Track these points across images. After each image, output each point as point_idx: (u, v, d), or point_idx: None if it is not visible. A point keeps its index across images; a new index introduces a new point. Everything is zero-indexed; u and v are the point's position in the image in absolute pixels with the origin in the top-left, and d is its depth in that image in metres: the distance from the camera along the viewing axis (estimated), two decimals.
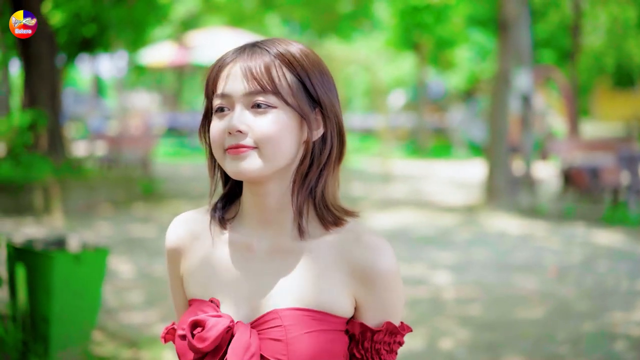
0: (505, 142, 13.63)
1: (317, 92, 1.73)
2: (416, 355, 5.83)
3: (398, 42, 25.06)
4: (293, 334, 1.68)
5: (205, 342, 1.69)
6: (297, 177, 1.75)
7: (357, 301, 1.73)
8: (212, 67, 1.77)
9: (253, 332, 1.70)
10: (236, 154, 1.68)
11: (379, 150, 21.75)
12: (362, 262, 1.72)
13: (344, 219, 1.77)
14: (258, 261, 1.77)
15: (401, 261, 9.06)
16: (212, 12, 25.18)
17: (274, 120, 1.68)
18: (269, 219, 1.77)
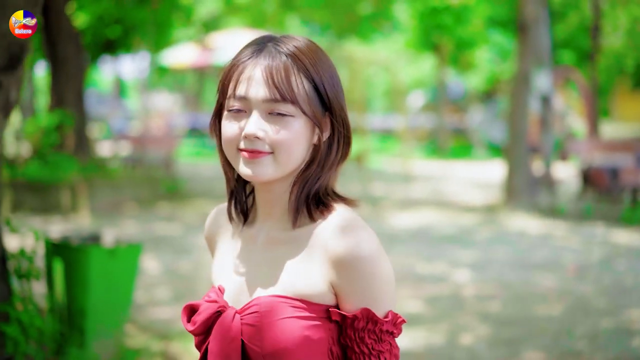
0: (525, 142, 13.73)
1: (329, 98, 1.77)
2: (437, 349, 5.97)
3: (418, 43, 25.16)
4: (267, 320, 1.71)
5: (194, 325, 1.78)
6: (299, 176, 1.80)
7: (335, 288, 1.73)
8: (228, 65, 1.80)
9: (236, 317, 1.75)
10: (252, 159, 1.73)
11: (399, 151, 21.87)
12: (337, 248, 1.72)
13: (330, 207, 1.80)
14: (257, 252, 1.84)
15: (422, 259, 9.23)
16: (234, 14, 25.35)
17: (291, 129, 1.72)
18: (270, 212, 1.84)
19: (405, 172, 18.66)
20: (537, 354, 5.89)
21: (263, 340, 1.71)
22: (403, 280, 8.17)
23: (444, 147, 26.25)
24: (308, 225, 1.79)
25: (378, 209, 13.50)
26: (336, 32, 24.18)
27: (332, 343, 1.76)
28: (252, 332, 1.73)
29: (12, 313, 4.55)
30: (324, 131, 1.79)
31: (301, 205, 1.79)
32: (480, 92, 30.74)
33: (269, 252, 1.81)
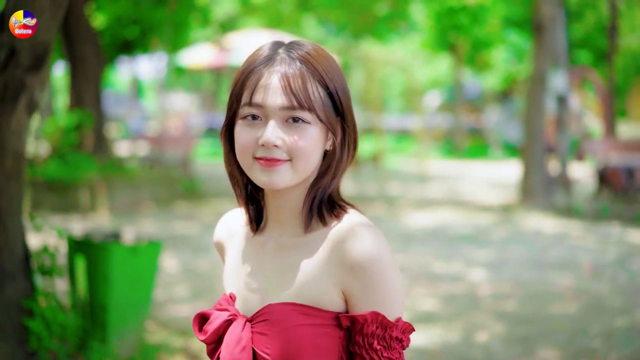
0: (541, 142, 13.75)
1: (342, 105, 1.78)
2: (452, 347, 6.03)
3: (434, 44, 25.20)
4: (277, 328, 1.71)
5: (205, 334, 1.79)
6: (315, 182, 1.80)
7: (345, 293, 1.72)
8: (240, 71, 1.78)
9: (247, 326, 1.75)
10: (269, 167, 1.72)
11: (415, 151, 21.91)
12: (349, 252, 1.71)
13: (341, 212, 1.80)
14: (267, 258, 1.83)
15: (438, 259, 9.29)
16: (250, 14, 25.45)
17: (308, 136, 1.73)
18: (280, 218, 1.83)
19: (422, 172, 18.70)
20: (552, 351, 5.94)
21: (274, 348, 1.71)
22: (419, 279, 8.23)
23: (460, 147, 26.26)
24: (320, 229, 1.79)
25: (394, 209, 13.56)
26: (352, 33, 24.24)
27: (342, 351, 1.74)
28: (263, 341, 1.72)
29: (35, 309, 4.65)
30: (337, 136, 1.79)
31: (315, 210, 1.79)
32: (497, 92, 30.72)
33: (279, 259, 1.80)
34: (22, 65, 4.28)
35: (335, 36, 28.56)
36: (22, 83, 4.33)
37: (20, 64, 4.28)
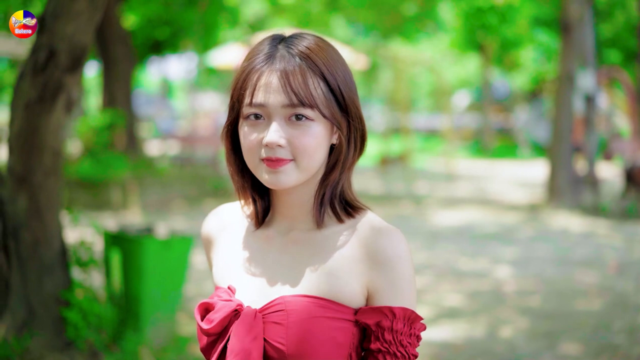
0: (569, 141, 13.79)
1: (345, 99, 1.76)
2: (477, 341, 6.14)
3: (462, 43, 25.23)
4: (294, 319, 1.69)
5: (211, 324, 1.74)
6: (324, 177, 1.81)
7: (370, 289, 1.73)
8: (241, 70, 1.77)
9: (258, 316, 1.72)
10: (275, 167, 1.72)
11: (443, 150, 21.97)
12: (376, 247, 1.73)
13: (357, 210, 1.82)
14: (275, 252, 1.82)
15: (464, 256, 9.39)
16: (279, 15, 25.62)
17: (312, 134, 1.72)
18: (289, 213, 1.83)
19: (449, 171, 18.77)
20: (575, 346, 6.03)
21: (289, 338, 1.69)
22: (445, 276, 8.35)
23: (489, 146, 26.26)
24: (335, 225, 1.79)
25: (421, 207, 13.66)
26: (381, 33, 24.34)
27: (352, 348, 1.74)
28: (277, 331, 1.70)
29: (72, 300, 4.84)
30: (343, 131, 1.78)
31: (326, 206, 1.79)
32: (526, 91, 30.67)
33: (292, 253, 1.80)
34: (61, 66, 4.47)
35: (364, 36, 28.67)
36: (60, 83, 4.52)
37: (59, 65, 4.46)
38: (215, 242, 1.94)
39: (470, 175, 19.41)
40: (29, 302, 4.80)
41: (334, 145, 1.79)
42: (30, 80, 4.49)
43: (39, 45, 4.44)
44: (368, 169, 20.28)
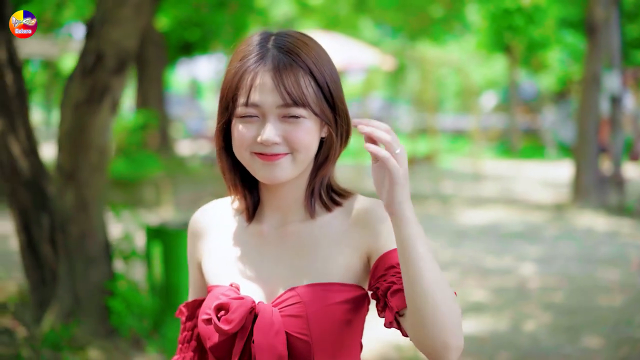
0: (595, 142, 13.93)
1: (333, 96, 1.81)
2: (501, 335, 6.35)
3: (489, 45, 25.32)
4: (312, 309, 1.74)
5: (231, 324, 1.75)
6: (314, 170, 1.87)
7: (368, 252, 1.79)
8: (233, 72, 1.79)
9: (275, 311, 1.75)
10: (270, 161, 1.76)
11: (470, 151, 22.11)
12: (361, 214, 1.82)
13: (345, 197, 1.89)
14: (272, 245, 1.85)
15: (490, 254, 9.60)
16: (307, 16, 25.86)
17: (306, 130, 1.76)
18: (280, 206, 1.87)
19: (476, 171, 18.93)
20: (596, 340, 6.23)
21: (311, 328, 1.73)
22: (470, 272, 8.56)
23: (515, 147, 26.35)
24: (326, 214, 1.86)
25: (448, 207, 13.87)
26: (408, 34, 24.52)
27: (364, 322, 1.85)
28: (297, 323, 1.74)
29: (116, 290, 5.13)
30: (332, 126, 1.83)
31: (317, 197, 1.86)
32: (553, 92, 30.69)
33: (290, 245, 1.84)
34: (108, 68, 4.76)
35: (391, 38, 28.85)
36: (107, 85, 4.81)
37: (106, 68, 4.75)
38: (204, 237, 1.95)
39: (496, 175, 19.55)
40: (75, 292, 5.09)
41: (323, 139, 1.84)
42: (79, 83, 4.78)
43: (88, 49, 4.73)
44: None
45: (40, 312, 5.29)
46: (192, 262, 1.98)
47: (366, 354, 5.65)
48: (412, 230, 1.60)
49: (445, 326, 1.59)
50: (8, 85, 5.12)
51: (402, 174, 1.58)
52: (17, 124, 5.18)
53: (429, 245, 1.63)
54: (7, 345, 5.00)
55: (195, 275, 1.98)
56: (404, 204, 1.60)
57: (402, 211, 1.60)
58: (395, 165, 1.57)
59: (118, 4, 4.67)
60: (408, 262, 1.59)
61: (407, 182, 1.60)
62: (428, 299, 1.58)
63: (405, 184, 1.59)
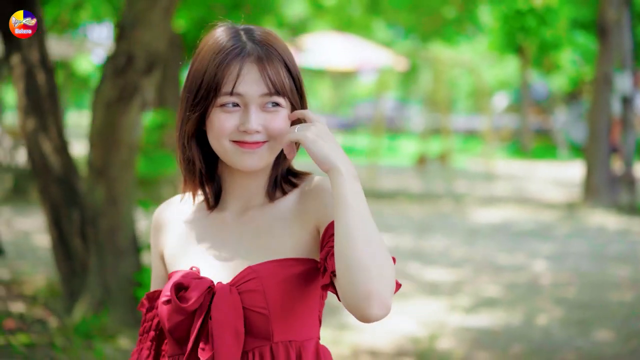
0: (606, 142, 14.08)
1: (301, 86, 1.90)
2: (514, 328, 6.53)
3: (501, 45, 25.45)
4: (269, 283, 1.80)
5: (189, 302, 1.79)
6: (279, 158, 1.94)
7: (317, 222, 1.85)
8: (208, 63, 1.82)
9: (232, 289, 1.80)
10: (252, 149, 1.82)
11: (482, 151, 22.26)
12: (309, 189, 1.90)
13: (301, 178, 1.97)
14: (232, 229, 1.92)
15: (502, 251, 9.78)
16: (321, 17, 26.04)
17: (283, 119, 1.84)
18: (243, 193, 1.93)
19: (488, 171, 19.09)
20: (607, 333, 6.40)
21: (269, 302, 1.79)
22: (483, 269, 8.75)
23: (527, 147, 26.48)
24: (283, 197, 1.93)
25: (461, 206, 14.04)
26: (421, 35, 24.67)
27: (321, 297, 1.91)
28: (255, 297, 1.80)
29: (144, 282, 5.34)
30: None
31: (278, 182, 1.94)
32: (565, 93, 30.79)
33: (249, 227, 1.90)
34: (138, 69, 4.97)
35: (404, 39, 29.01)
36: (136, 85, 5.02)
37: (136, 69, 4.97)
38: (166, 229, 2.00)
39: (508, 175, 19.72)
40: (105, 283, 5.31)
41: None
42: (111, 83, 4.99)
43: (119, 51, 4.95)
44: (406, 169, 20.68)
45: (71, 302, 5.51)
46: (155, 255, 2.03)
47: (381, 346, 5.86)
48: (345, 182, 1.70)
49: (370, 276, 1.64)
50: (40, 85, 5.34)
51: (309, 135, 1.74)
52: (48, 123, 5.41)
53: (365, 204, 1.71)
54: (41, 334, 5.23)
55: (158, 267, 2.02)
56: (330, 156, 1.73)
57: (332, 163, 1.72)
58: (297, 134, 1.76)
59: (148, 8, 4.88)
60: (339, 212, 1.69)
61: (323, 141, 1.74)
62: (354, 247, 1.65)
63: (317, 140, 1.74)
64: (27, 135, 5.41)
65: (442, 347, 6.00)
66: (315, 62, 21.08)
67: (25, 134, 5.42)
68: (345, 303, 1.68)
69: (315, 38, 21.88)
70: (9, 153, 18.13)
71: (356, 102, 45.54)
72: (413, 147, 25.68)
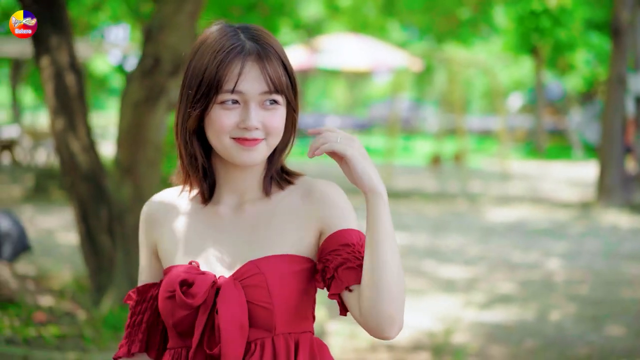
0: (620, 142, 14.18)
1: (296, 84, 1.94)
2: (527, 324, 6.68)
3: (516, 46, 25.54)
4: (271, 279, 1.84)
5: (195, 297, 1.81)
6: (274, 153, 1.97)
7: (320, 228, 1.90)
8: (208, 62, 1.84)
9: (236, 283, 1.83)
10: (251, 146, 1.85)
11: (497, 151, 22.36)
12: (316, 194, 1.92)
13: (295, 177, 2.00)
14: (228, 223, 1.94)
15: (517, 249, 9.92)
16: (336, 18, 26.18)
17: (280, 117, 1.88)
18: (239, 188, 1.96)
19: (503, 171, 19.21)
20: (618, 328, 6.54)
21: (273, 297, 1.83)
22: (498, 267, 8.90)
23: (542, 148, 26.55)
24: (278, 192, 1.97)
25: (475, 205, 14.18)
26: (435, 36, 24.79)
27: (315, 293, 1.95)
28: (259, 293, 1.83)
29: None
30: (297, 113, 1.96)
31: (274, 177, 1.98)
32: (580, 93, 30.84)
33: (245, 220, 1.94)
34: (164, 71, 5.16)
35: (419, 39, 29.13)
36: (163, 86, 5.21)
37: (163, 71, 5.16)
38: (160, 223, 2.00)
39: (523, 175, 19.83)
40: (131, 277, 5.49)
41: None
42: (138, 84, 5.19)
43: (146, 53, 5.14)
44: (421, 169, 20.83)
45: (98, 296, 5.70)
46: (146, 249, 2.03)
47: (398, 340, 6.02)
48: (385, 208, 1.79)
49: (395, 301, 1.76)
50: (69, 86, 5.53)
51: (355, 153, 1.78)
52: (76, 123, 5.59)
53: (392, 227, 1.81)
54: (70, 326, 5.42)
55: (149, 261, 2.02)
56: (373, 179, 1.78)
57: (374, 186, 1.78)
58: (342, 147, 1.78)
59: (174, 12, 5.07)
60: (377, 236, 1.77)
61: (367, 161, 1.79)
62: (387, 273, 1.75)
63: (362, 160, 1.78)
64: (56, 135, 5.60)
65: (457, 341, 6.16)
66: (331, 63, 21.23)
67: (54, 133, 5.61)
68: (362, 320, 1.80)
69: (331, 39, 22.04)
70: (29, 153, 18.41)
71: (371, 103, 45.69)
72: (428, 147, 25.81)
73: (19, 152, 18.42)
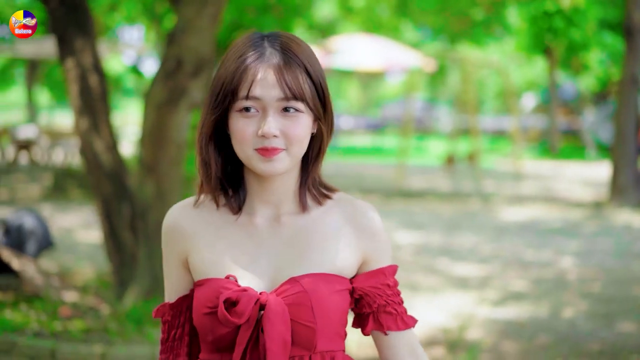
0: (633, 142, 14.25)
1: (324, 93, 1.90)
2: (540, 320, 6.79)
3: (529, 47, 25.58)
4: (316, 297, 1.82)
5: (241, 317, 1.79)
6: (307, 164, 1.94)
7: (364, 257, 1.94)
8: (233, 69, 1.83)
9: (280, 301, 1.81)
10: (270, 156, 1.81)
11: (510, 151, 22.42)
12: (363, 221, 1.94)
13: (331, 192, 1.99)
14: (266, 236, 1.91)
15: (530, 248, 10.03)
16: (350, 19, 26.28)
17: (302, 124, 1.84)
18: (273, 199, 1.92)
19: (516, 171, 19.28)
20: (630, 325, 6.64)
21: (316, 316, 1.82)
22: (511, 265, 9.00)
23: (555, 148, 26.60)
24: (317, 207, 1.95)
25: (489, 204, 14.28)
26: (449, 37, 24.88)
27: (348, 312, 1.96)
28: (303, 312, 1.82)
29: None
30: (324, 122, 1.91)
31: (310, 190, 1.95)
32: (593, 93, 30.85)
33: (283, 234, 1.91)
34: (186, 73, 5.31)
35: (432, 40, 29.21)
36: (185, 88, 5.36)
37: (185, 72, 5.31)
38: (190, 234, 1.93)
39: (536, 175, 19.90)
40: (154, 272, 5.65)
41: (313, 134, 1.91)
42: (161, 85, 5.34)
43: (169, 55, 5.29)
44: (434, 169, 20.92)
45: (121, 291, 5.86)
46: (174, 261, 1.97)
47: None
48: None
49: None
50: (92, 88, 5.69)
51: None
52: (100, 123, 5.76)
53: None
54: (95, 320, 5.58)
55: (179, 274, 1.97)
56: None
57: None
58: None
59: (196, 15, 5.22)
60: None
61: None
62: None
63: None
64: (80, 134, 5.76)
65: (471, 337, 6.28)
66: (344, 63, 21.32)
67: (79, 133, 5.77)
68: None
69: (344, 39, 22.12)
70: (47, 152, 18.62)
71: (384, 103, 45.76)
72: (441, 148, 25.90)
73: (36, 151, 18.63)
